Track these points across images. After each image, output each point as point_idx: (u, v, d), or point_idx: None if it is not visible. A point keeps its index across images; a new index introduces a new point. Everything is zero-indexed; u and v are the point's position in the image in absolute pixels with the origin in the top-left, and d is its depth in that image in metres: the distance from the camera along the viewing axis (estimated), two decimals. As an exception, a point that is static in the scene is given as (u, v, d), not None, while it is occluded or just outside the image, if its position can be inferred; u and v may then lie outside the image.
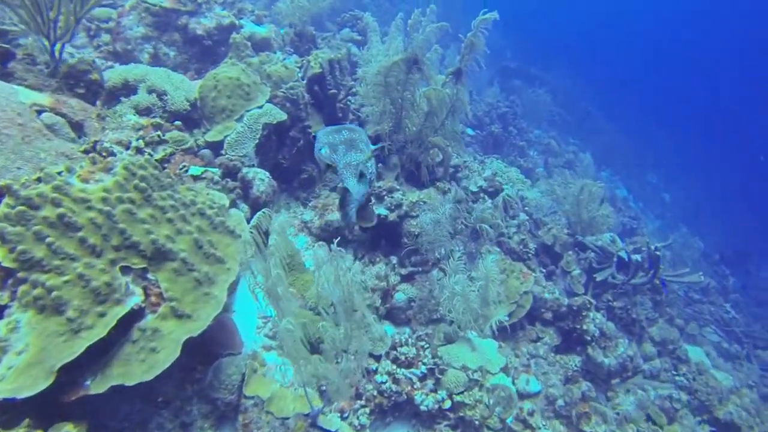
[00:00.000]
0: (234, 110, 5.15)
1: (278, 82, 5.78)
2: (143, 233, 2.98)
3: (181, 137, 4.91)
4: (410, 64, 5.39)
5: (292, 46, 7.48)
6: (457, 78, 5.34)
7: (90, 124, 3.64)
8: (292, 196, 6.01)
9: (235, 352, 3.85)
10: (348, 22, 10.12)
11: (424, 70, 5.38)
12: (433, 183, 6.16)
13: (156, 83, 5.14)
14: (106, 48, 6.45)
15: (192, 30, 6.53)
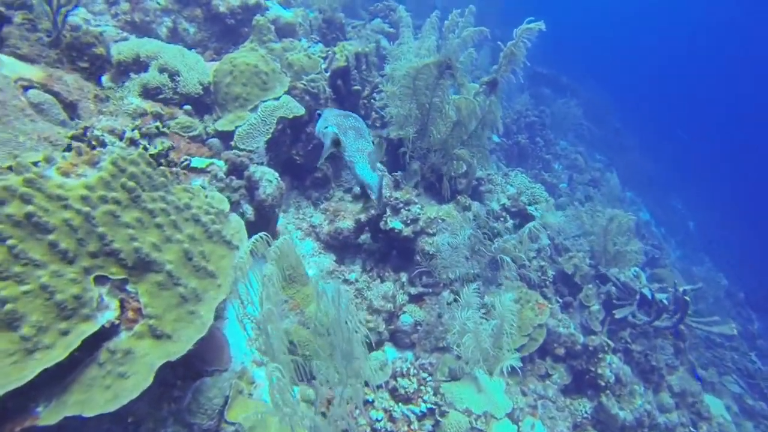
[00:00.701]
0: (248, 99, 4.77)
1: (299, 73, 5.38)
2: (126, 240, 2.62)
3: (189, 123, 4.55)
4: (442, 68, 4.97)
5: (318, 34, 7.07)
6: (492, 89, 4.91)
7: (85, 105, 3.29)
8: (303, 195, 5.64)
9: (221, 368, 3.51)
10: (381, 12, 9.68)
11: (457, 76, 4.96)
12: (453, 196, 5.75)
13: (169, 62, 4.78)
14: (123, 17, 6.10)
15: (215, 7, 6.15)
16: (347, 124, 2.68)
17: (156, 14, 5.99)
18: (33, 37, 3.64)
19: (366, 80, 5.89)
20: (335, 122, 2.68)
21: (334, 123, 2.68)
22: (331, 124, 2.67)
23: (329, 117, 2.73)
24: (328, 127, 2.68)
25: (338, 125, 2.68)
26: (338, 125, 2.68)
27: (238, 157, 4.02)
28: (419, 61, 5.09)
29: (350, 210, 5.18)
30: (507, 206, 6.24)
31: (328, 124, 2.69)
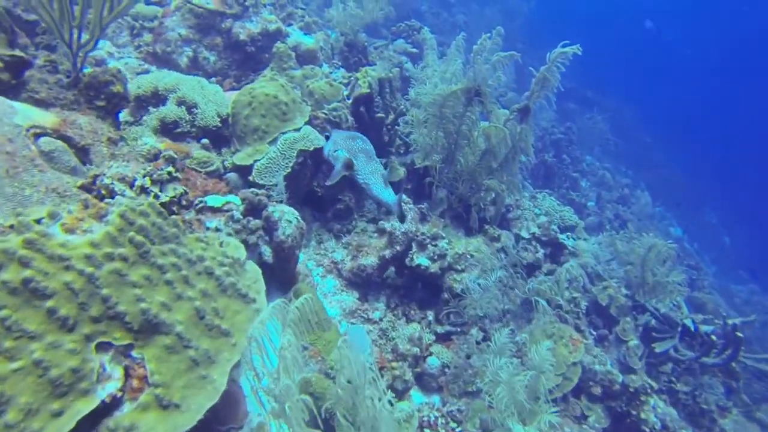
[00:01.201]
0: (268, 131, 4.60)
1: (321, 101, 5.20)
2: (132, 300, 2.43)
3: (206, 158, 4.40)
4: (471, 95, 4.73)
5: (340, 57, 6.91)
6: (523, 116, 4.64)
7: (98, 149, 3.14)
8: (325, 228, 5.43)
9: (237, 426, 3.28)
10: (403, 32, 9.53)
11: (486, 103, 4.71)
12: (481, 226, 5.47)
13: (187, 94, 4.65)
14: (146, 48, 6.05)
15: (235, 34, 6.04)
16: (356, 147, 2.55)
17: (177, 44, 5.91)
18: (52, 79, 3.54)
19: (390, 106, 5.68)
20: (344, 146, 2.54)
21: (344, 146, 2.54)
22: (341, 147, 2.53)
23: (338, 140, 2.56)
24: (338, 150, 2.53)
25: (348, 149, 2.55)
26: (348, 149, 2.55)
27: (255, 196, 3.83)
28: (446, 87, 4.86)
29: (374, 245, 4.94)
30: (537, 235, 5.92)
31: (337, 148, 2.55)
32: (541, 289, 4.28)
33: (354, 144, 2.66)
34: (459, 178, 5.36)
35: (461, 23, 16.64)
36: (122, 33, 6.18)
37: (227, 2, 6.14)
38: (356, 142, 2.68)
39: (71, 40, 3.57)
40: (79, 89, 3.71)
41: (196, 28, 5.99)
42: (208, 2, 6.04)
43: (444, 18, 15.63)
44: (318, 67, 5.94)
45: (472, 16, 16.83)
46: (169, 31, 5.94)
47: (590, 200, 11.28)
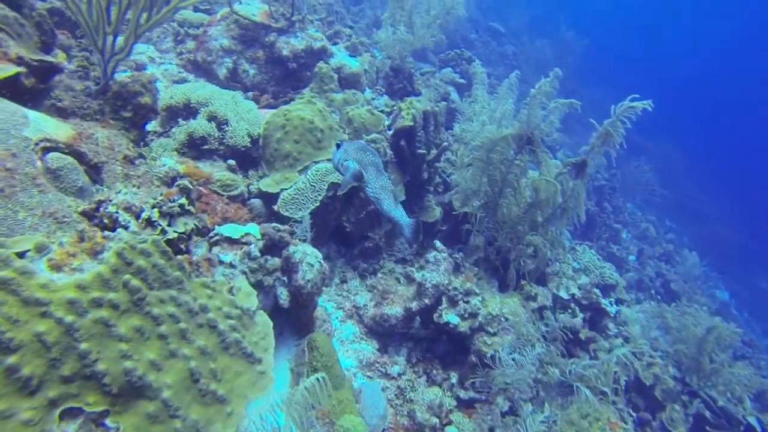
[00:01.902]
0: (299, 159, 4.26)
1: (360, 130, 4.86)
2: (116, 357, 2.06)
3: (230, 181, 4.08)
4: (522, 142, 4.31)
5: (384, 83, 6.59)
6: (578, 172, 4.18)
7: (111, 168, 2.84)
8: (350, 265, 5.05)
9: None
10: (452, 60, 9.19)
11: (539, 153, 4.27)
12: (517, 282, 4.99)
13: (219, 109, 4.37)
14: (187, 56, 5.85)
15: (278, 49, 5.79)
16: (367, 160, 2.62)
17: (218, 54, 5.69)
18: (79, 86, 3.29)
19: (432, 142, 5.30)
20: (355, 157, 2.62)
21: (355, 158, 2.62)
22: (352, 158, 2.61)
23: (349, 150, 2.66)
24: (348, 161, 2.62)
25: (359, 160, 2.61)
26: (359, 160, 2.61)
27: (277, 232, 3.46)
28: (496, 130, 4.46)
29: (401, 294, 4.51)
30: (577, 297, 5.39)
31: (348, 158, 2.63)
32: (585, 376, 3.77)
33: (364, 156, 2.70)
34: (499, 228, 4.91)
35: (509, 54, 16.27)
36: (166, 38, 6.01)
37: (274, 16, 5.91)
38: (367, 155, 2.71)
39: (104, 47, 3.32)
40: (106, 98, 3.45)
41: (240, 39, 5.76)
42: (254, 14, 5.82)
43: (492, 48, 15.29)
44: (360, 92, 5.62)
45: (522, 47, 16.46)
46: (212, 40, 5.72)
47: (631, 254, 10.60)
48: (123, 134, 3.44)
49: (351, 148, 2.74)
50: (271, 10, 5.92)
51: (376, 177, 2.67)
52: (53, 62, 3.13)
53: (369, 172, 2.69)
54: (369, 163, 2.70)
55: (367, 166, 2.69)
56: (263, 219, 4.23)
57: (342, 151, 2.73)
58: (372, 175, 2.68)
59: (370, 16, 11.74)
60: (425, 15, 6.60)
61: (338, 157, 2.73)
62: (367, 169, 2.69)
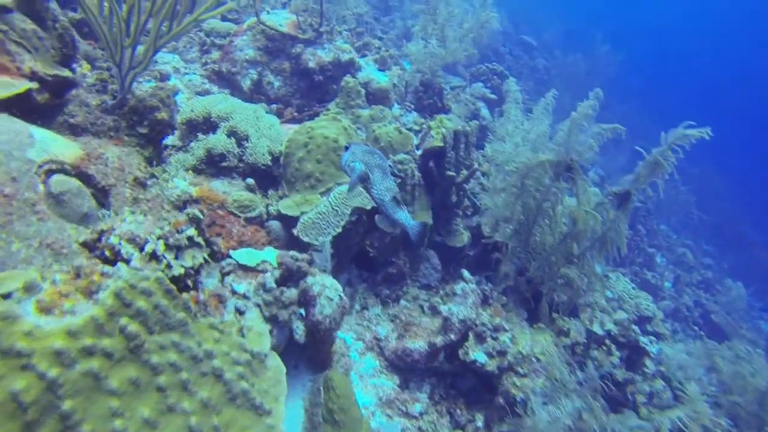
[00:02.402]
0: (321, 180, 4.03)
1: (387, 150, 4.61)
2: (104, 416, 1.84)
3: (249, 202, 3.87)
4: (560, 169, 3.99)
5: (413, 97, 6.34)
6: (621, 203, 3.85)
7: (120, 191, 2.64)
8: (373, 291, 4.79)
9: None
10: (483, 75, 8.90)
11: (578, 181, 3.95)
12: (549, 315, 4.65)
13: (239, 124, 4.17)
14: (212, 66, 5.71)
15: (304, 61, 5.59)
16: (373, 162, 2.71)
17: (243, 65, 5.52)
18: (95, 101, 3.12)
19: (462, 162, 5.01)
20: (362, 159, 2.72)
21: (362, 160, 2.71)
22: (359, 160, 2.71)
23: (357, 152, 2.75)
24: (355, 162, 2.71)
25: (366, 162, 2.71)
26: (366, 162, 2.71)
27: (295, 262, 3.23)
28: (533, 156, 4.15)
29: (424, 326, 4.23)
30: (613, 333, 5.00)
31: (355, 160, 2.72)
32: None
33: (371, 159, 2.78)
34: (531, 258, 4.59)
35: (540, 68, 15.87)
36: (192, 48, 5.88)
37: (301, 26, 5.73)
38: (374, 157, 2.80)
39: (122, 60, 3.14)
40: (123, 112, 3.28)
41: (265, 50, 5.59)
42: (281, 24, 5.64)
43: (524, 62, 14.94)
44: (388, 108, 5.37)
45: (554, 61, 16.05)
46: (237, 51, 5.56)
47: (667, 281, 10.08)
48: (137, 152, 3.26)
49: (359, 150, 2.82)
50: (299, 20, 5.74)
51: (381, 179, 2.74)
52: (69, 77, 2.97)
53: (375, 174, 2.76)
54: (375, 165, 2.77)
55: (374, 168, 2.76)
56: (282, 243, 4.00)
57: (350, 152, 2.80)
58: (378, 177, 2.74)
59: (400, 27, 11.54)
60: (458, 28, 6.34)
61: (345, 158, 2.80)
62: (373, 171, 2.75)
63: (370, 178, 2.73)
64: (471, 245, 5.29)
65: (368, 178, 2.73)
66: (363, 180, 2.73)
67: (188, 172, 4.02)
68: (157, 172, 3.02)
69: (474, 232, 5.50)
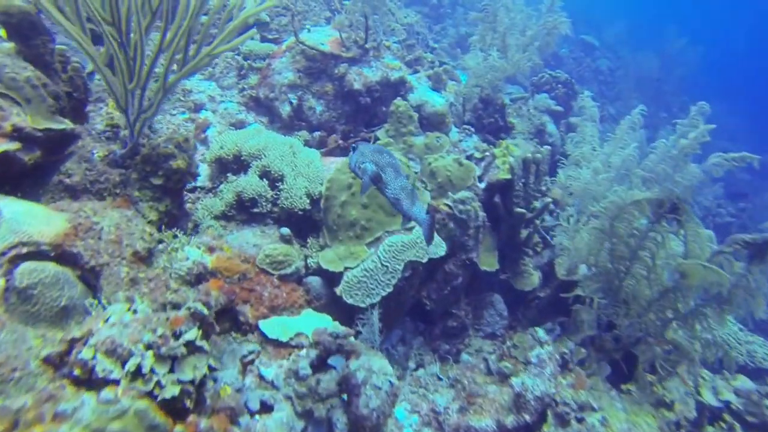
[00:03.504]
0: (368, 228, 3.41)
1: (445, 186, 3.93)
2: None
3: (283, 257, 3.30)
4: (662, 210, 3.18)
5: (473, 115, 5.63)
6: (757, 255, 2.98)
7: (114, 271, 2.13)
8: (430, 347, 4.13)
9: None
10: (545, 84, 8.04)
11: (687, 225, 3.13)
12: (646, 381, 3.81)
13: (273, 163, 3.63)
14: (249, 92, 5.24)
15: (348, 82, 5.02)
16: (384, 161, 2.62)
17: (282, 90, 5.02)
18: (101, 152, 2.68)
19: (532, 194, 4.26)
20: (372, 159, 2.62)
21: (372, 160, 2.62)
22: (369, 160, 2.62)
23: (365, 152, 2.65)
24: (365, 163, 2.62)
25: (376, 162, 2.61)
26: (376, 162, 2.61)
27: (335, 339, 2.62)
28: (624, 192, 3.36)
29: (491, 396, 3.52)
30: (736, 409, 4.05)
31: (365, 161, 2.63)
32: None
33: (381, 158, 2.69)
34: (621, 312, 3.76)
35: (604, 70, 14.66)
36: (229, 74, 5.45)
37: (345, 44, 5.16)
38: (383, 156, 2.70)
39: (128, 104, 2.66)
40: (135, 162, 2.81)
41: (306, 72, 5.06)
42: (322, 43, 5.10)
43: (585, 64, 13.81)
44: (445, 134, 4.68)
45: (619, 62, 14.80)
46: (275, 74, 5.06)
47: None
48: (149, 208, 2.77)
49: (367, 149, 2.71)
50: (342, 37, 5.18)
51: (395, 178, 2.64)
52: (67, 129, 2.50)
53: (387, 173, 2.65)
54: (387, 164, 2.67)
55: (385, 167, 2.66)
56: (323, 302, 3.41)
57: (358, 153, 2.69)
58: (391, 176, 2.65)
59: (453, 35, 10.85)
60: (520, 36, 5.58)
61: (354, 160, 2.70)
62: (386, 170, 2.65)
63: (382, 178, 2.61)
64: (542, 285, 4.53)
65: (381, 178, 2.61)
66: (376, 181, 2.62)
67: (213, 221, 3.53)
68: (166, 237, 2.49)
69: (545, 269, 4.75)
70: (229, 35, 2.51)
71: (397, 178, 2.64)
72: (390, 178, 2.63)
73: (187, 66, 2.55)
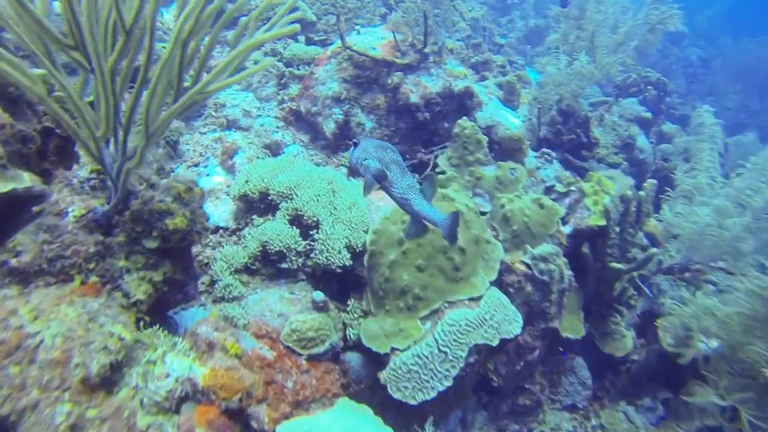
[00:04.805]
0: (424, 298, 2.65)
1: (522, 235, 3.09)
2: None
3: (315, 331, 2.60)
4: None
5: (550, 130, 4.71)
6: None
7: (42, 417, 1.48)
8: (494, 425, 3.35)
9: None
10: (632, 86, 6.90)
11: None
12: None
13: (306, 207, 2.94)
14: (288, 105, 4.58)
15: (404, 94, 4.24)
16: (388, 158, 2.27)
17: (325, 103, 4.31)
18: (78, 211, 2.08)
19: (629, 241, 3.34)
20: (376, 155, 2.27)
21: (375, 156, 2.27)
22: (372, 157, 2.27)
23: (368, 148, 2.32)
24: (368, 160, 2.27)
25: (380, 159, 2.26)
26: (380, 159, 2.26)
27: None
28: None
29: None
30: None
31: (367, 157, 2.28)
32: None
33: (385, 154, 2.26)
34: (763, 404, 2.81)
35: (695, 60, 13.02)
36: (268, 83, 4.80)
37: (400, 48, 4.37)
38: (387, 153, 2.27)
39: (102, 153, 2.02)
40: (123, 220, 2.18)
41: (354, 82, 4.32)
42: (373, 47, 4.33)
43: (674, 57, 12.23)
44: (521, 163, 3.78)
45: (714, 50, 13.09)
46: (319, 84, 4.36)
47: None
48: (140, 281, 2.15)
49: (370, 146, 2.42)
50: (398, 39, 4.40)
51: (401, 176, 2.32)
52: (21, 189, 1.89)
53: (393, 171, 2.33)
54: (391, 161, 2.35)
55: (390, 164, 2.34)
56: (362, 388, 2.70)
57: (360, 149, 2.40)
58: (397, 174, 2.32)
59: (521, 28, 9.80)
60: (611, 34, 4.59)
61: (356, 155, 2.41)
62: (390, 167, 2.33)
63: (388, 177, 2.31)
64: (643, 369, 3.62)
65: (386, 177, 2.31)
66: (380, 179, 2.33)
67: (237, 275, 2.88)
68: (146, 337, 1.83)
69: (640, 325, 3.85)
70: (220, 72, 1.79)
71: (403, 177, 2.32)
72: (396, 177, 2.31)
73: (179, 103, 1.86)
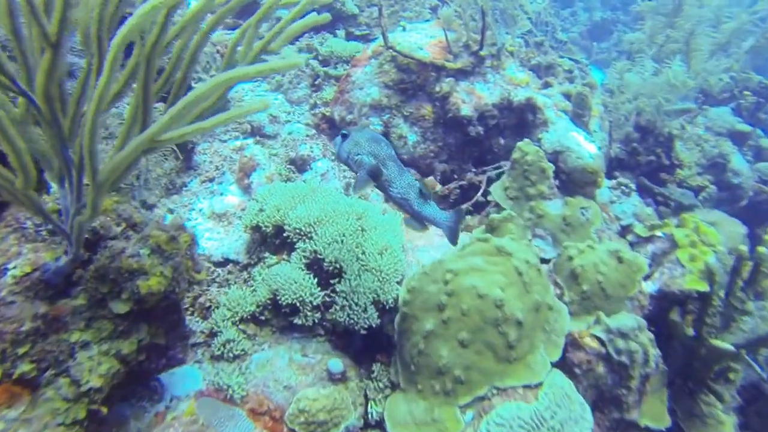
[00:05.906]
0: (466, 382, 2.07)
1: (595, 297, 2.44)
2: None
3: (327, 413, 2.09)
4: None
5: (624, 149, 3.99)
6: None
7: None
8: None
9: None
10: (724, 91, 5.96)
11: None
12: None
13: (327, 249, 2.41)
14: (321, 110, 4.06)
15: (454, 104, 3.62)
16: (384, 153, 2.19)
17: (362, 111, 3.76)
18: (20, 269, 1.67)
19: (737, 307, 2.63)
20: (370, 150, 2.18)
21: (369, 151, 2.18)
22: (366, 152, 2.19)
23: (361, 142, 2.18)
24: (361, 155, 2.18)
25: (375, 154, 2.17)
26: (375, 154, 2.17)
27: None
28: None
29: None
30: None
31: (360, 152, 2.18)
32: None
33: (380, 149, 2.17)
34: None
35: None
36: (300, 84, 4.29)
37: (451, 49, 3.75)
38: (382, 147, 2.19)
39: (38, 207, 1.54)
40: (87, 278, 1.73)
41: (396, 87, 3.73)
42: (420, 47, 3.73)
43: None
44: (593, 198, 3.08)
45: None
46: (356, 89, 3.80)
47: None
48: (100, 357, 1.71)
49: (362, 138, 2.21)
50: (449, 39, 3.77)
51: (399, 174, 2.18)
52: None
53: (389, 168, 2.19)
54: (387, 156, 2.20)
55: (386, 160, 2.20)
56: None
57: (352, 142, 2.18)
58: (394, 171, 2.19)
59: (584, 22, 8.93)
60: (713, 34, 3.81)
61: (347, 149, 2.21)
62: (386, 164, 2.19)
63: (384, 174, 2.16)
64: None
65: (382, 174, 2.15)
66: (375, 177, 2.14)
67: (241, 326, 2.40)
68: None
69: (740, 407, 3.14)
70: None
71: (401, 174, 2.23)
72: (394, 174, 2.22)
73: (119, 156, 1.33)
